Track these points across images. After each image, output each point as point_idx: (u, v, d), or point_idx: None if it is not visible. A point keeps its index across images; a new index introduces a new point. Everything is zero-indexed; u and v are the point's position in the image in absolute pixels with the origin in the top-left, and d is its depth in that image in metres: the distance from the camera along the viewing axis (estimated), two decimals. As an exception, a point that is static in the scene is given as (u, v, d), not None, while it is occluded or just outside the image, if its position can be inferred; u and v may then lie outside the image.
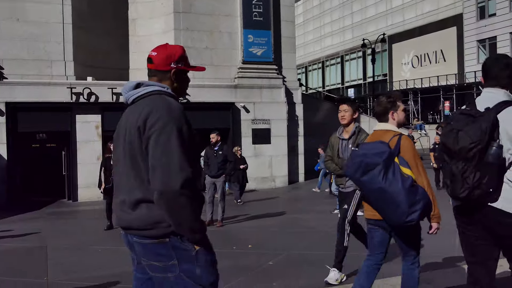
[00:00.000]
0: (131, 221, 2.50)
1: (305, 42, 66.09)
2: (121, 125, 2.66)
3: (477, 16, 41.97)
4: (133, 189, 2.49)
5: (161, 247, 2.44)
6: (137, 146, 2.47)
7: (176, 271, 2.45)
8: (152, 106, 2.47)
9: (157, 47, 2.71)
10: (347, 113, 5.47)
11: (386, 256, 4.24)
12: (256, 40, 18.59)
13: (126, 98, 2.68)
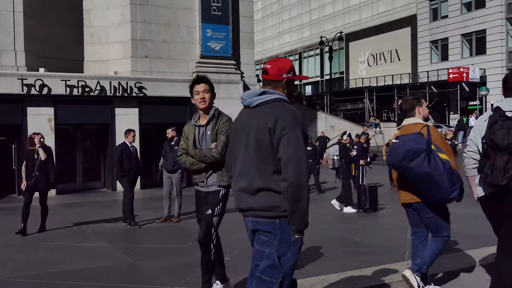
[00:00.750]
0: (252, 204, 3.03)
1: (264, 38, 66.26)
2: (241, 123, 3.17)
3: (430, 18, 43.20)
4: (255, 178, 2.99)
5: (271, 226, 2.97)
6: (266, 144, 2.94)
7: (273, 248, 2.96)
8: (279, 112, 2.97)
9: (270, 60, 3.24)
10: (208, 95, 4.57)
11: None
12: (214, 35, 18.48)
13: (249, 102, 3.13)
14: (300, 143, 2.94)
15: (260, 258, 3.02)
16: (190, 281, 5.70)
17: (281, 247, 2.97)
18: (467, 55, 40.65)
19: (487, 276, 5.12)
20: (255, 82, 20.50)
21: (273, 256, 2.97)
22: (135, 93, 16.74)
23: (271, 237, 2.99)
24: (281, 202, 2.93)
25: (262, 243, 3.03)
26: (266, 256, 2.99)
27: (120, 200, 10.22)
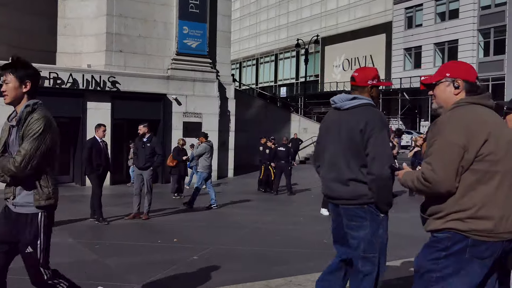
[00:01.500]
0: (342, 193, 3.52)
1: (241, 38, 66.22)
2: (333, 121, 3.66)
3: (405, 25, 43.95)
4: (345, 170, 3.49)
5: (361, 211, 3.46)
6: (357, 142, 3.43)
7: (366, 229, 3.46)
8: (369, 115, 3.47)
9: (358, 69, 3.76)
10: (9, 86, 3.32)
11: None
12: (191, 32, 18.38)
13: (341, 105, 3.61)
14: (386, 142, 3.48)
15: (352, 244, 3.53)
16: (157, 279, 5.66)
17: (372, 227, 3.48)
18: (439, 64, 41.47)
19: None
20: (230, 81, 20.48)
21: (368, 236, 3.47)
22: (108, 87, 16.52)
23: (362, 221, 3.49)
24: (367, 191, 3.45)
25: (357, 227, 3.51)
26: (362, 238, 3.48)
27: (88, 195, 10.07)
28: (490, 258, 2.59)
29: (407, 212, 11.09)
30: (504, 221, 2.56)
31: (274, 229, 9.17)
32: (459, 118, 2.64)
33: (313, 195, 14.47)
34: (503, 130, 2.70)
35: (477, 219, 2.55)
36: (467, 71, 2.85)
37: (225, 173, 19.75)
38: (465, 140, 2.55)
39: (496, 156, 2.58)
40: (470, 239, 2.56)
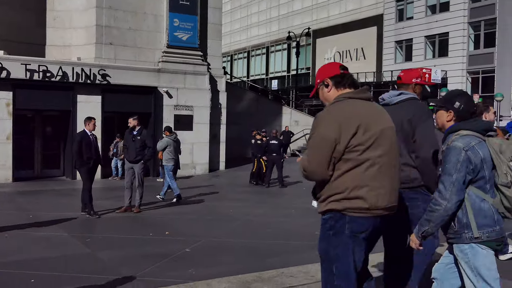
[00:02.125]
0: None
1: (232, 31, 66.00)
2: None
3: (396, 18, 44.00)
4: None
5: (413, 193, 3.81)
6: (406, 131, 3.80)
7: (420, 208, 3.71)
8: (415, 107, 3.91)
9: (403, 70, 4.29)
10: None
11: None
12: (182, 25, 18.28)
13: (389, 101, 4.04)
14: (432, 130, 3.85)
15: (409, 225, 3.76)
16: (149, 272, 5.66)
17: (424, 206, 3.53)
18: (430, 57, 41.65)
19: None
20: (221, 74, 20.42)
21: (421, 214, 3.47)
22: (99, 80, 16.41)
23: (415, 201, 3.82)
24: (418, 174, 3.80)
25: (410, 208, 3.82)
26: (416, 216, 3.69)
27: (79, 189, 10.03)
28: (366, 232, 3.00)
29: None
30: (374, 199, 2.96)
31: (266, 221, 9.20)
32: (334, 114, 3.00)
33: (304, 187, 14.51)
34: (376, 119, 3.08)
35: (350, 199, 2.95)
36: (328, 69, 3.27)
37: (217, 166, 19.75)
38: (337, 134, 2.92)
39: (364, 145, 2.96)
40: (347, 216, 2.96)
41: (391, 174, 3.08)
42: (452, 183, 2.99)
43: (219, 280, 5.00)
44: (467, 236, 3.02)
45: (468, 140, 3.05)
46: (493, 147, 3.07)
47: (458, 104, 3.22)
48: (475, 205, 3.01)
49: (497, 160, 3.03)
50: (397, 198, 3.16)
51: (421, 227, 3.14)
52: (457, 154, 3.01)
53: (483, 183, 3.04)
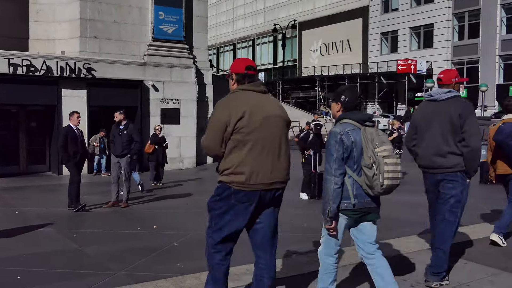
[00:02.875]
0: (442, 163, 4.59)
1: (218, 23, 65.71)
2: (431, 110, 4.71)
3: (382, 10, 44.14)
4: (444, 146, 4.56)
5: (454, 176, 4.56)
6: (456, 123, 4.50)
7: (458, 189, 4.57)
8: (462, 104, 4.59)
9: (442, 72, 4.87)
10: None
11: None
12: (167, 18, 18.14)
13: (438, 97, 4.69)
14: (477, 123, 4.58)
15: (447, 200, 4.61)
16: (137, 266, 5.65)
17: (461, 188, 4.59)
18: (415, 48, 41.88)
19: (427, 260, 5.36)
20: (207, 67, 20.34)
21: (458, 194, 4.58)
22: (84, 74, 16.25)
23: (455, 183, 4.58)
24: (461, 160, 4.54)
25: (449, 188, 4.60)
26: (453, 196, 4.58)
27: (66, 184, 9.95)
28: (249, 203, 3.57)
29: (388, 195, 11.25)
30: (254, 176, 3.52)
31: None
32: (227, 102, 3.63)
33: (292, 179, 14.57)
34: (263, 108, 3.63)
35: (235, 174, 3.53)
36: (237, 65, 3.82)
37: (204, 160, 19.72)
38: (227, 118, 3.50)
39: (248, 129, 3.52)
40: (232, 188, 3.56)
41: (273, 155, 3.62)
42: (334, 160, 3.66)
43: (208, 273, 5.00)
44: (341, 205, 3.73)
45: (344, 127, 3.72)
46: (366, 135, 3.69)
47: (344, 98, 3.85)
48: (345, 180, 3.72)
49: (365, 146, 3.67)
50: (284, 175, 3.72)
51: (324, 210, 3.67)
52: (334, 137, 3.69)
53: (352, 163, 3.70)
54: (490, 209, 8.93)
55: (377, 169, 3.65)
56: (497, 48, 36.12)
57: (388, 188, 3.66)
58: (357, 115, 3.82)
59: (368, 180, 3.66)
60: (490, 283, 4.65)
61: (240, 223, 3.64)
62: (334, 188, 3.64)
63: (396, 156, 3.78)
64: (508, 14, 35.93)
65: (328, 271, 3.92)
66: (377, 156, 3.65)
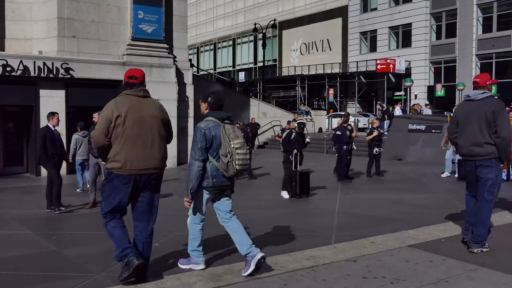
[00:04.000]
0: (479, 151, 5.59)
1: (198, 23, 65.46)
2: (469, 109, 5.74)
3: (361, 9, 44.46)
4: (480, 137, 5.56)
5: (490, 162, 5.56)
6: (490, 119, 5.51)
7: (493, 174, 5.59)
8: (496, 102, 5.64)
9: (477, 76, 5.97)
10: None
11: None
12: (146, 17, 18.02)
13: (474, 97, 5.74)
14: (508, 118, 5.58)
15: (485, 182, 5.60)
16: (118, 268, 5.59)
17: (496, 172, 5.63)
18: (394, 47, 42.31)
19: (406, 257, 5.42)
20: (188, 66, 20.26)
21: (494, 177, 5.60)
22: (62, 74, 16.04)
23: (491, 169, 5.59)
24: (494, 149, 5.53)
25: (486, 172, 5.59)
26: (490, 179, 5.59)
27: (44, 186, 9.81)
28: (128, 184, 4.64)
29: (367, 192, 11.36)
30: (129, 163, 4.59)
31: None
32: (113, 103, 4.69)
33: (273, 178, 14.58)
34: (140, 108, 4.69)
35: (114, 162, 4.61)
36: (126, 74, 4.99)
37: (185, 159, 19.61)
38: (111, 115, 4.56)
39: (125, 125, 4.56)
40: (114, 173, 4.64)
41: (145, 147, 4.66)
42: (199, 149, 4.82)
43: (189, 274, 4.99)
44: (203, 183, 4.92)
45: (208, 123, 4.91)
46: (224, 130, 4.85)
47: (210, 99, 5.07)
48: (206, 164, 4.88)
49: (223, 139, 4.83)
50: (156, 163, 4.76)
51: (187, 188, 4.87)
52: (200, 131, 4.86)
53: (212, 151, 4.89)
54: (468, 206, 9.05)
55: (230, 158, 4.81)
56: (474, 48, 36.68)
57: (239, 171, 4.86)
58: (219, 114, 4.98)
59: (224, 165, 4.83)
60: (469, 279, 4.72)
61: (122, 199, 4.69)
62: (197, 170, 4.82)
63: (246, 147, 4.86)
64: (484, 14, 36.52)
65: (195, 236, 5.18)
66: (231, 147, 4.79)
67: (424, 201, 9.88)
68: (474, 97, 5.72)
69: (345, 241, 6.28)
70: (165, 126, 4.90)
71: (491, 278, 4.74)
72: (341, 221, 8.11)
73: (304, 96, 45.44)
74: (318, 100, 46.42)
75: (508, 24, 34.77)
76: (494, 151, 5.52)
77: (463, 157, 5.92)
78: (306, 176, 11.01)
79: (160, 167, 4.82)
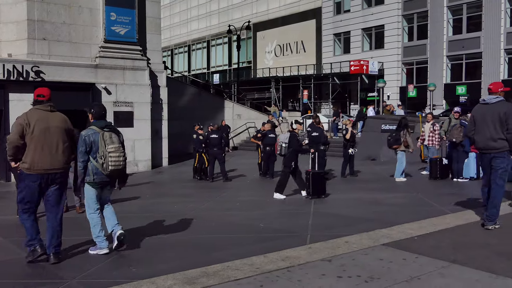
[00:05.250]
0: (495, 145, 6.71)
1: (172, 25, 65.09)
2: (485, 111, 6.86)
3: (334, 11, 44.87)
4: (495, 134, 6.68)
5: (503, 154, 6.70)
6: (503, 119, 6.63)
7: (505, 163, 6.73)
8: (507, 105, 6.71)
9: (491, 84, 7.11)
10: None
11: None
12: (119, 19, 17.82)
13: (489, 101, 6.88)
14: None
15: (497, 170, 6.76)
16: (90, 274, 5.52)
17: (507, 162, 6.76)
18: (367, 49, 42.81)
19: (380, 256, 5.48)
20: (161, 69, 20.12)
21: (505, 166, 6.75)
22: (32, 77, 15.75)
23: (503, 159, 6.74)
24: (506, 144, 6.65)
25: (499, 162, 6.74)
26: (501, 167, 6.74)
27: (14, 191, 9.59)
28: (36, 182, 5.73)
29: (341, 193, 11.45)
30: (35, 165, 5.69)
31: (210, 215, 9.18)
32: (25, 114, 5.79)
33: (248, 180, 14.59)
34: (46, 120, 5.83)
35: (24, 163, 5.71)
36: (35, 95, 5.97)
37: (160, 162, 19.49)
38: (24, 123, 5.69)
39: (33, 134, 5.70)
40: (25, 173, 5.72)
41: (51, 152, 5.77)
42: (80, 152, 6.02)
43: (164, 277, 4.94)
44: (86, 179, 6.13)
45: (89, 131, 6.11)
46: (102, 137, 6.04)
47: (93, 110, 6.33)
48: (89, 164, 6.07)
49: (100, 144, 6.01)
50: (61, 164, 5.89)
51: (79, 179, 6.24)
52: (81, 138, 6.05)
53: (92, 154, 6.05)
54: (439, 204, 9.22)
55: (105, 160, 5.99)
56: (445, 49, 37.38)
57: (112, 170, 6.03)
58: (100, 123, 6.20)
59: (100, 165, 6.02)
60: (441, 276, 4.80)
61: (33, 194, 5.77)
62: (80, 170, 6.06)
63: (120, 151, 6.08)
64: (454, 16, 37.26)
65: (95, 223, 6.24)
66: (106, 151, 5.98)
67: (398, 200, 10.01)
68: (489, 101, 6.89)
69: (320, 241, 6.32)
70: (68, 135, 6.03)
71: (462, 274, 4.83)
72: (316, 221, 8.16)
73: (279, 98, 45.60)
74: (293, 101, 46.63)
75: (477, 25, 35.55)
76: (506, 146, 6.65)
77: (480, 150, 7.03)
78: (321, 177, 10.85)
79: (64, 168, 6.00)
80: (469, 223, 7.15)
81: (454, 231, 6.74)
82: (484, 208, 7.08)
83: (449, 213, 8.07)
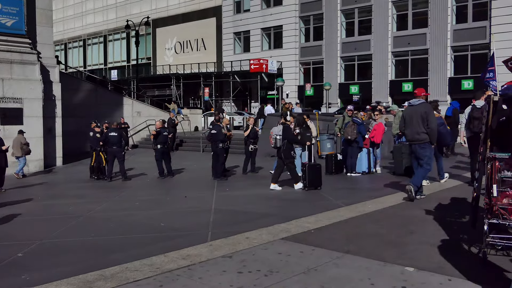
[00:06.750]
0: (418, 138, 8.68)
1: (65, 17, 61.85)
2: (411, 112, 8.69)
3: (234, 10, 45.31)
4: (418, 129, 8.56)
5: (425, 145, 8.67)
6: (423, 118, 8.52)
7: (427, 152, 8.73)
8: (426, 107, 8.80)
9: (416, 89, 9.17)
10: None
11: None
12: (5, 9, 16.59)
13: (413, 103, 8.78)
14: (433, 117, 8.52)
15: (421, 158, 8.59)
16: None
17: (429, 152, 8.63)
18: (266, 48, 43.75)
19: (279, 250, 5.64)
20: (54, 63, 19.03)
21: (428, 154, 8.63)
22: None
23: (426, 150, 8.55)
24: (427, 136, 8.46)
25: (423, 152, 8.54)
26: (426, 155, 8.56)
27: None
28: None
29: (242, 189, 11.59)
30: None
31: (108, 216, 8.86)
32: None
33: (148, 179, 14.28)
34: None
35: None
36: None
37: (53, 162, 18.44)
38: None
39: None
40: None
41: None
42: None
43: (58, 283, 4.69)
44: None
45: None
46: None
47: None
48: None
49: None
50: None
51: None
52: None
53: None
54: (334, 198, 9.66)
55: None
56: (339, 50, 39.26)
57: None
58: None
59: None
60: (335, 266, 5.03)
61: None
62: None
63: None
64: (347, 19, 39.24)
65: None
66: None
67: (296, 195, 10.34)
68: (414, 103, 8.68)
69: (221, 238, 6.35)
70: None
71: (354, 263, 5.11)
72: (217, 218, 8.19)
73: (180, 95, 45.14)
74: (194, 99, 46.41)
75: (368, 29, 37.75)
76: (427, 138, 8.47)
77: (409, 142, 8.82)
78: (318, 169, 11.00)
79: None
80: (361, 215, 7.57)
81: (348, 223, 7.10)
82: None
83: (343, 206, 8.49)
